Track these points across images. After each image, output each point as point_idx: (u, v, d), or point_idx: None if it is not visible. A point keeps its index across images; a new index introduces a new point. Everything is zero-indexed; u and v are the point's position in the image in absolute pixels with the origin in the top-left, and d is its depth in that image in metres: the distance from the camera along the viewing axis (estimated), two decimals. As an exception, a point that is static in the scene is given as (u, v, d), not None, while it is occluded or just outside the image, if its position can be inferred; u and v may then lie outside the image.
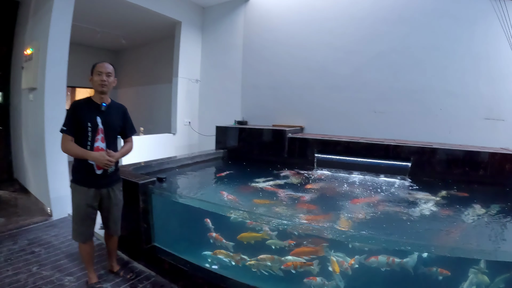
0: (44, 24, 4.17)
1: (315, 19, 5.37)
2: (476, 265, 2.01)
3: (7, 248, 3.27)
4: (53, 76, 4.06)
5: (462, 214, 2.77)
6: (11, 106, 5.78)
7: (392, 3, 4.74)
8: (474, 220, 2.64)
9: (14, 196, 5.03)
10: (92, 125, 2.41)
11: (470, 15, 4.27)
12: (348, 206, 3.02)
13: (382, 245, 2.20)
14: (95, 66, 2.49)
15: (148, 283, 2.76)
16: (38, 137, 4.22)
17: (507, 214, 2.83)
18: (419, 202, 3.06)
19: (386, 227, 2.59)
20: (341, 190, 3.61)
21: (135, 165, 3.80)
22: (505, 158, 3.57)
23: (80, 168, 2.45)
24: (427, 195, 3.29)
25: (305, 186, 3.65)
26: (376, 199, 3.17)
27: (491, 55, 4.19)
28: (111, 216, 2.66)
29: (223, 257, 2.67)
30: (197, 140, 6.98)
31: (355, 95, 5.05)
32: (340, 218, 2.68)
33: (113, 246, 2.88)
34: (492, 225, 2.65)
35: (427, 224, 2.61)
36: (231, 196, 3.13)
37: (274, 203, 3.02)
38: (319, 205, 3.00)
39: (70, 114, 2.37)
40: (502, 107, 4.18)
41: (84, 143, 2.38)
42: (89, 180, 2.45)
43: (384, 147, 4.08)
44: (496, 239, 2.50)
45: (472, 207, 2.88)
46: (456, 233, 2.43)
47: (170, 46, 6.82)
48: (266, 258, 2.43)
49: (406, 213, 2.77)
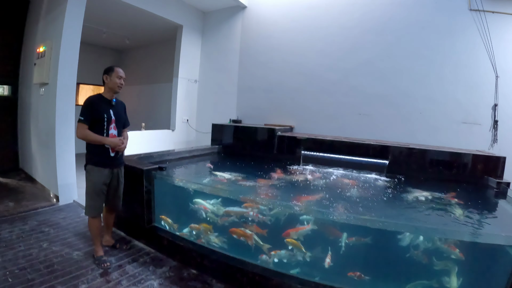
0: (57, 24, 4.51)
1: (308, 27, 5.76)
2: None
3: (18, 228, 3.59)
4: (65, 73, 4.40)
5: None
6: (19, 99, 6.12)
7: (379, 15, 5.13)
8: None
9: (21, 184, 5.34)
10: (107, 116, 2.89)
11: (452, 27, 4.63)
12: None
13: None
14: (114, 69, 2.95)
15: (148, 257, 3.12)
16: (49, 129, 4.56)
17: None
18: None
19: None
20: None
21: (138, 156, 4.16)
22: (478, 159, 3.87)
23: (98, 152, 2.89)
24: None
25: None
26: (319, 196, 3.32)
27: (469, 64, 4.54)
28: (118, 193, 3.13)
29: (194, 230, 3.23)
30: (194, 136, 7.35)
31: (342, 98, 5.44)
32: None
33: (112, 221, 3.36)
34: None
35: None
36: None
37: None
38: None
39: (89, 107, 2.80)
40: (479, 112, 4.52)
41: (101, 131, 2.85)
42: (105, 161, 2.93)
43: (365, 146, 4.43)
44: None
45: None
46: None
47: (171, 48, 7.17)
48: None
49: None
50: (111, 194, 3.08)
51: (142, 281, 2.67)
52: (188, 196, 3.30)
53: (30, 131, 5.51)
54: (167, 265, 2.99)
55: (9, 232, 3.45)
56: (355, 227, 2.45)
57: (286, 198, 3.14)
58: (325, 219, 2.65)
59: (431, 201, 3.19)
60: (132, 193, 3.39)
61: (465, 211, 2.84)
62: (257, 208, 2.85)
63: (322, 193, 3.34)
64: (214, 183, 3.63)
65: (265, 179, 3.85)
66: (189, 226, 3.24)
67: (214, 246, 3.00)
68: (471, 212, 2.86)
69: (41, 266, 2.79)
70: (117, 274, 2.76)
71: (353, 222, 2.45)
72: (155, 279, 2.72)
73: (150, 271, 2.85)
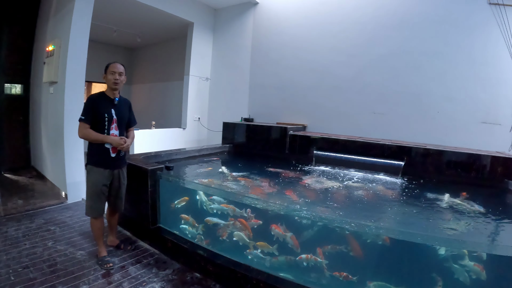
0: (65, 23, 4.51)
1: (320, 23, 5.59)
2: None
3: (25, 226, 3.60)
4: (73, 72, 4.39)
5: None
6: (31, 98, 6.19)
7: (394, 9, 4.91)
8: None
9: (31, 182, 5.39)
10: (108, 116, 2.81)
11: (470, 22, 4.38)
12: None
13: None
14: (108, 66, 2.86)
15: (152, 259, 3.04)
16: (58, 127, 4.56)
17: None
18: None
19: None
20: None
21: (145, 155, 4.10)
22: (498, 161, 3.65)
23: (98, 152, 2.83)
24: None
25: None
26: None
27: (489, 61, 4.29)
28: (120, 193, 3.05)
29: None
30: (206, 135, 7.28)
31: (356, 96, 5.26)
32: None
33: (115, 221, 3.32)
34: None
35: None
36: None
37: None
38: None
39: (90, 106, 2.73)
40: (499, 111, 4.27)
41: (101, 131, 2.78)
42: (105, 162, 2.86)
43: (380, 146, 4.26)
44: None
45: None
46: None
47: (182, 45, 7.14)
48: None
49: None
50: (113, 195, 3.01)
51: (144, 284, 2.58)
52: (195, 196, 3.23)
53: (40, 129, 5.56)
54: (171, 267, 2.90)
55: (16, 230, 3.45)
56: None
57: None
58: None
59: (445, 207, 3.01)
60: (137, 193, 3.33)
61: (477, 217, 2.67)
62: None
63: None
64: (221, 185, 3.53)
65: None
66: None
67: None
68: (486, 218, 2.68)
69: (44, 265, 2.76)
70: (119, 276, 2.69)
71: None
72: (157, 282, 2.63)
73: (153, 273, 2.77)
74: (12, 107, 6.03)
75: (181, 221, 3.33)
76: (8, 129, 5.97)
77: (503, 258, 2.00)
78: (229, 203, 3.01)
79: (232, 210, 2.97)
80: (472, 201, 3.09)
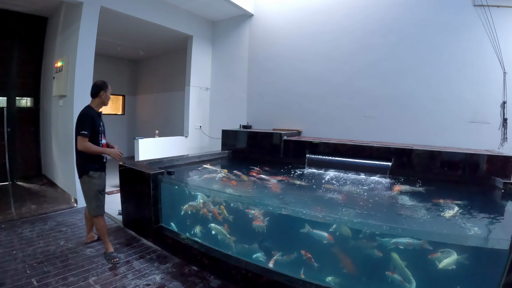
0: (72, 41, 4.87)
1: (313, 32, 5.87)
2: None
3: (39, 228, 3.92)
4: (80, 86, 4.71)
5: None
6: (41, 110, 6.56)
7: (382, 16, 5.13)
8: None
9: (43, 188, 5.73)
10: (101, 129, 3.27)
11: (456, 24, 4.51)
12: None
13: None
14: (108, 86, 3.28)
15: (154, 255, 3.34)
16: (67, 137, 4.90)
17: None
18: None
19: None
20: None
21: (148, 161, 4.40)
22: (483, 159, 3.76)
23: (97, 160, 3.24)
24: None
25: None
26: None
27: (475, 61, 4.41)
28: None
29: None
30: (207, 142, 7.57)
31: (348, 101, 5.49)
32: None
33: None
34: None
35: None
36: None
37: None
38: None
39: (90, 121, 3.08)
40: (487, 111, 4.37)
41: (96, 143, 3.17)
42: (103, 167, 3.32)
43: (368, 148, 4.47)
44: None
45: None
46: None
47: (183, 57, 7.46)
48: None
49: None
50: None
51: (146, 275, 2.87)
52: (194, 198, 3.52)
53: (51, 139, 5.91)
54: (171, 261, 3.19)
55: (30, 231, 3.76)
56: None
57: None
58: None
59: (426, 204, 3.17)
60: (141, 195, 3.63)
61: (462, 213, 2.84)
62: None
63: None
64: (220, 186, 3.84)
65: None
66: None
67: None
68: (470, 215, 2.84)
69: (57, 260, 3.06)
70: (124, 269, 2.98)
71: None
72: (158, 274, 2.91)
73: (154, 267, 3.06)
74: (24, 119, 6.40)
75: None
76: (20, 139, 6.32)
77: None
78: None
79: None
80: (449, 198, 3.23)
